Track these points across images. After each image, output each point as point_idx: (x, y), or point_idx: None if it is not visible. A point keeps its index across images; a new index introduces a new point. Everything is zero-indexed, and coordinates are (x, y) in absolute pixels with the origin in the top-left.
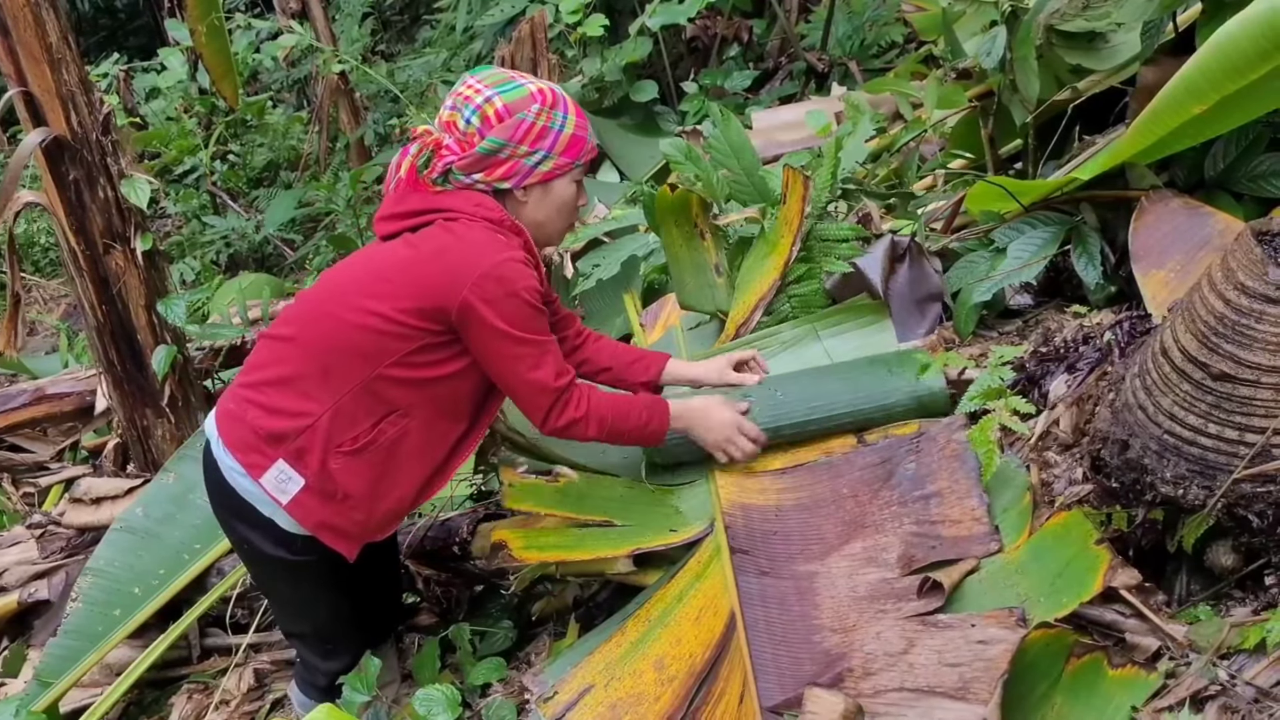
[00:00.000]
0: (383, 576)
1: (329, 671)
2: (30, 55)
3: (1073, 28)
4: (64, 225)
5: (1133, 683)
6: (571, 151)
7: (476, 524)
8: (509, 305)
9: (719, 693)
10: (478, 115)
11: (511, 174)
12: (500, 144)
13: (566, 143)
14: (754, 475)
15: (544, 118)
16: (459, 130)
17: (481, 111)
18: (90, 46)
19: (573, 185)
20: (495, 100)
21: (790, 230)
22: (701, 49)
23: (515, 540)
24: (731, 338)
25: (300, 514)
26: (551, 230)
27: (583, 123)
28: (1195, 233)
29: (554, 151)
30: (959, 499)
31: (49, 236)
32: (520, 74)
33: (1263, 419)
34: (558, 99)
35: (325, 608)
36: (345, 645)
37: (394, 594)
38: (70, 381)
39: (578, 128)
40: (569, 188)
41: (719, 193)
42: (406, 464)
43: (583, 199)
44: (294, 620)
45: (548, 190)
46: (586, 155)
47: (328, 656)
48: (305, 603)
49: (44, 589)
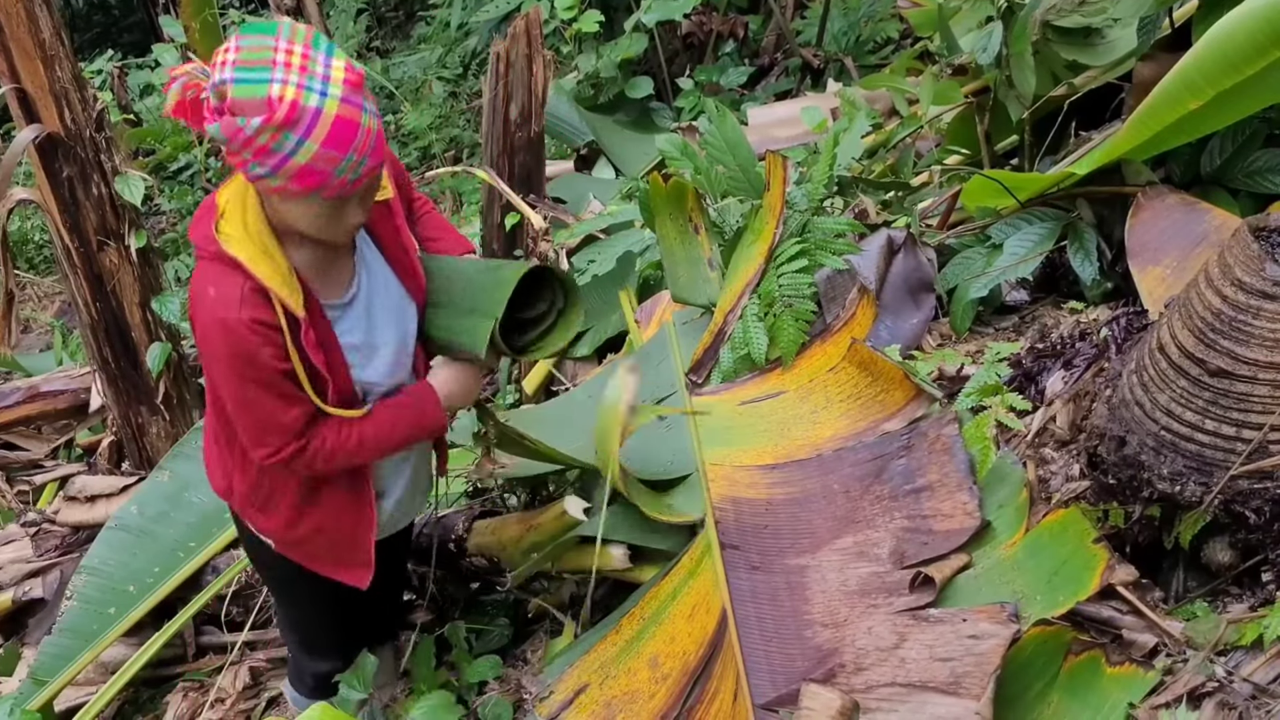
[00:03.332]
0: (384, 582)
1: (315, 672)
2: (23, 52)
3: (1069, 23)
4: (58, 222)
5: (1130, 680)
6: (302, 181)
7: (472, 521)
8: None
9: (713, 691)
10: (215, 93)
11: (242, 168)
12: (224, 138)
13: (294, 172)
14: (744, 469)
15: (266, 136)
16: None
17: (217, 89)
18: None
19: (321, 206)
20: (228, 86)
21: (774, 215)
22: (697, 45)
23: None
24: (720, 326)
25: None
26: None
27: (329, 154)
28: (1191, 229)
29: (279, 174)
30: (950, 493)
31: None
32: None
33: (1260, 415)
34: (297, 117)
35: (315, 615)
36: (333, 651)
37: (394, 598)
38: (64, 379)
39: (316, 159)
40: (312, 209)
41: (715, 188)
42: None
43: (352, 218)
44: (285, 619)
45: (286, 200)
46: (328, 191)
47: (314, 658)
48: (297, 606)
49: (38, 587)
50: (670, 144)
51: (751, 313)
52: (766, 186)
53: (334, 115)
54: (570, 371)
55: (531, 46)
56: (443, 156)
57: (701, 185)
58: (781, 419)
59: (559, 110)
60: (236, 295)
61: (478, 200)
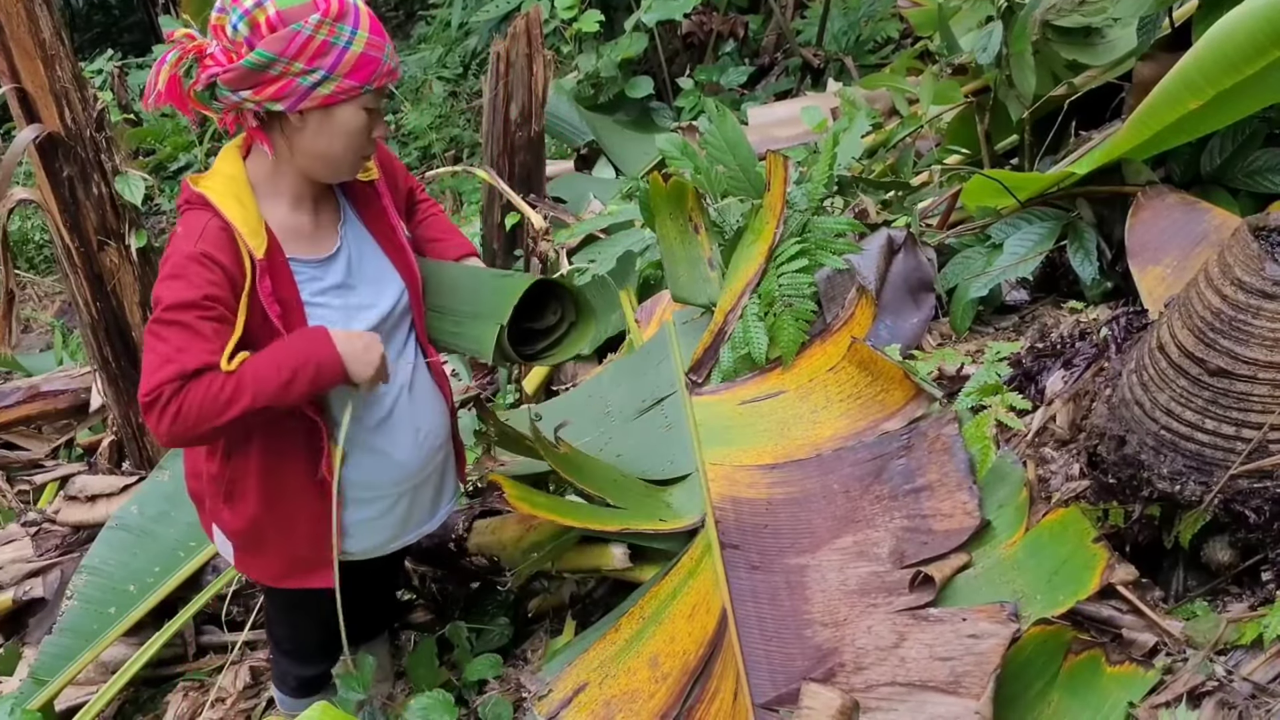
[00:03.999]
0: (375, 587)
1: (300, 676)
2: (23, 51)
3: (1069, 23)
4: (58, 222)
5: (1130, 679)
6: (359, 74)
7: (472, 520)
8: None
9: (713, 690)
10: (246, 22)
11: (284, 94)
12: (270, 58)
13: (353, 63)
14: (744, 468)
15: (325, 31)
16: (226, 37)
17: (251, 18)
18: (84, 43)
19: (361, 113)
20: (268, 5)
21: (774, 215)
22: (697, 45)
23: (510, 488)
24: (720, 325)
25: (253, 573)
26: (338, 163)
27: (377, 40)
28: (1191, 228)
29: (336, 72)
30: (949, 492)
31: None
32: None
33: (1259, 414)
34: (346, 9)
35: (304, 624)
36: (318, 656)
37: (387, 599)
38: (64, 379)
39: (369, 45)
40: (356, 116)
41: (715, 188)
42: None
43: (379, 130)
44: (274, 625)
45: (329, 116)
46: (379, 80)
47: (300, 663)
48: (286, 612)
49: (39, 587)
50: (670, 144)
51: (752, 312)
52: (767, 186)
53: (366, 9)
54: (570, 371)
55: (532, 46)
56: (443, 156)
57: (702, 185)
58: (781, 418)
59: (559, 110)
60: (199, 230)
61: (478, 200)
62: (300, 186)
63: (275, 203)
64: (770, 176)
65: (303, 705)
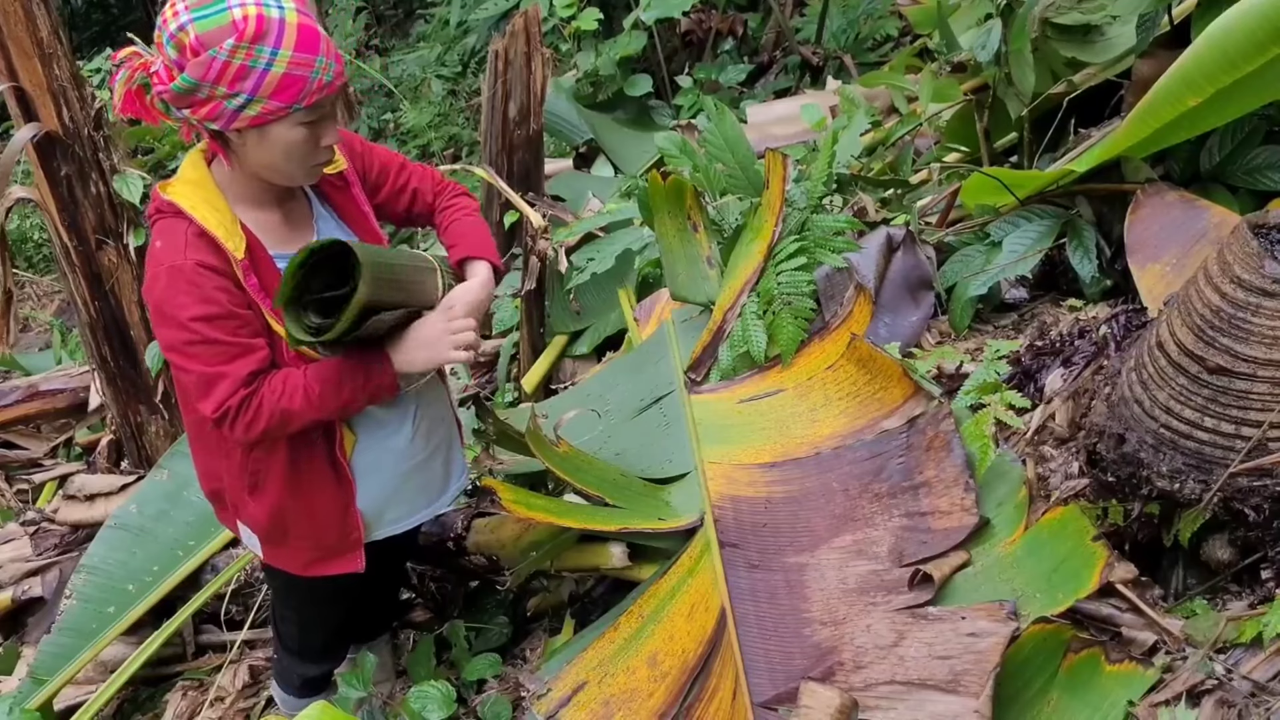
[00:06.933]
0: (383, 583)
1: (304, 674)
2: (21, 50)
3: (1068, 21)
4: (56, 221)
5: (1129, 678)
6: (283, 95)
7: (471, 519)
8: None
9: (712, 689)
10: (173, 45)
11: (214, 116)
12: (193, 84)
13: (275, 84)
14: (743, 467)
15: (242, 55)
16: (166, 56)
17: (176, 40)
18: (82, 42)
19: (299, 129)
20: (189, 29)
21: (773, 213)
22: (696, 43)
23: (505, 493)
24: (719, 324)
25: (280, 563)
26: (288, 174)
27: (304, 58)
28: (1191, 226)
29: (259, 95)
30: (947, 488)
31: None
32: None
33: (1259, 412)
34: (266, 29)
35: (313, 622)
36: (324, 655)
37: (391, 597)
38: (63, 378)
39: (292, 65)
40: (292, 132)
41: (714, 186)
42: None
43: (328, 138)
44: (282, 624)
45: (264, 134)
46: (308, 98)
47: (305, 662)
48: (296, 611)
49: (38, 586)
50: (669, 142)
51: (751, 310)
52: (766, 184)
53: (296, 23)
54: (569, 370)
55: (530, 44)
56: (442, 154)
57: (700, 183)
58: (780, 417)
59: (558, 108)
60: (181, 241)
61: (477, 198)
62: (263, 189)
63: (244, 204)
64: (769, 174)
65: (303, 704)
